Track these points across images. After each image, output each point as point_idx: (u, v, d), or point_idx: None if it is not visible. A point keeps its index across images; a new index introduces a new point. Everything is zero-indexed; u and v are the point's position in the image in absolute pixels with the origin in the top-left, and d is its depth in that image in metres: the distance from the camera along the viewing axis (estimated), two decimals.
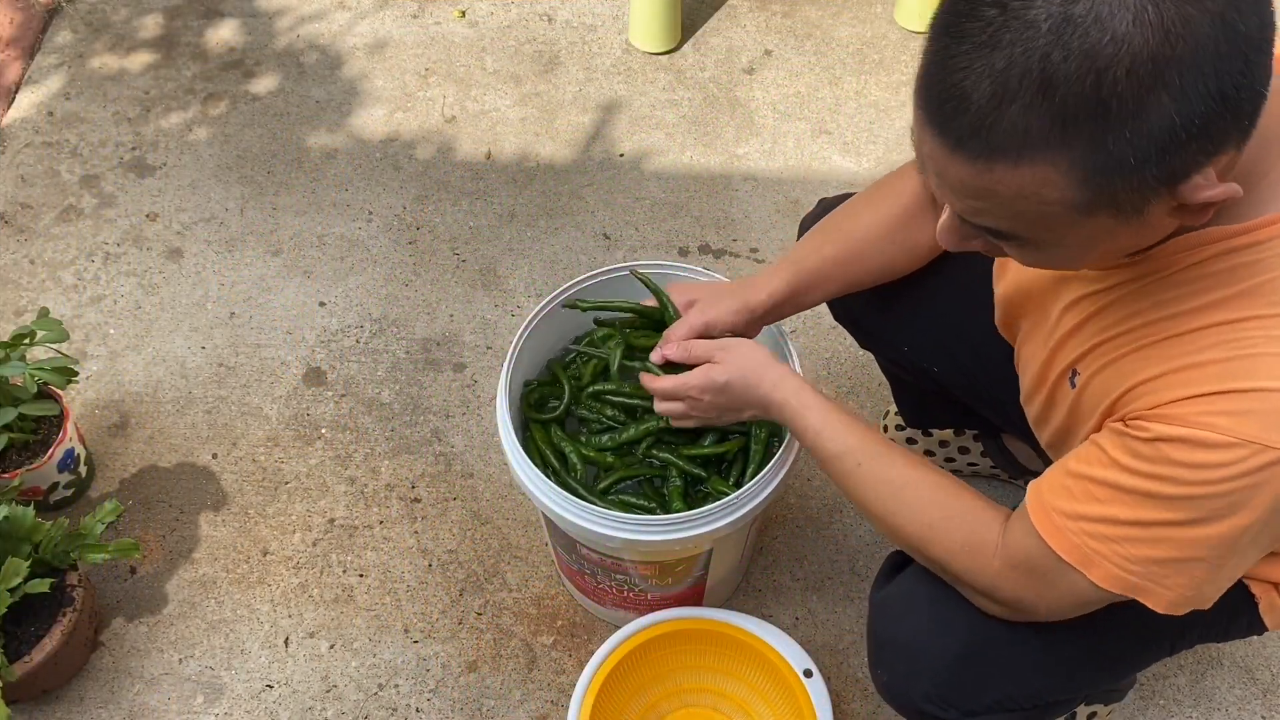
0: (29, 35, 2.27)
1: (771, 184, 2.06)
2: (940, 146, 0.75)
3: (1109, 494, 0.85)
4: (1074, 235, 0.78)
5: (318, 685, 1.50)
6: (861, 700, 1.49)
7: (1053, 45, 0.67)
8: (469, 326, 1.86)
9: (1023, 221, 0.77)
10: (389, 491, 1.68)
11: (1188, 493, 0.81)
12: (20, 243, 1.96)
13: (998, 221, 0.78)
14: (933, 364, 1.34)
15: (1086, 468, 0.87)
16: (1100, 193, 0.72)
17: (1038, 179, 0.72)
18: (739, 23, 2.35)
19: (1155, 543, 0.84)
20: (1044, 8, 0.68)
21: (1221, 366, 0.79)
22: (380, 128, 2.15)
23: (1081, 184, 0.72)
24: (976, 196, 0.76)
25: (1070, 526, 0.88)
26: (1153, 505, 0.83)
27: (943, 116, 0.73)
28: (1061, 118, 0.69)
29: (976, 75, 0.70)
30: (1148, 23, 0.66)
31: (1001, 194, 0.75)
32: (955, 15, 0.72)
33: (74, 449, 1.60)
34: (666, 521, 1.20)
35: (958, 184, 0.76)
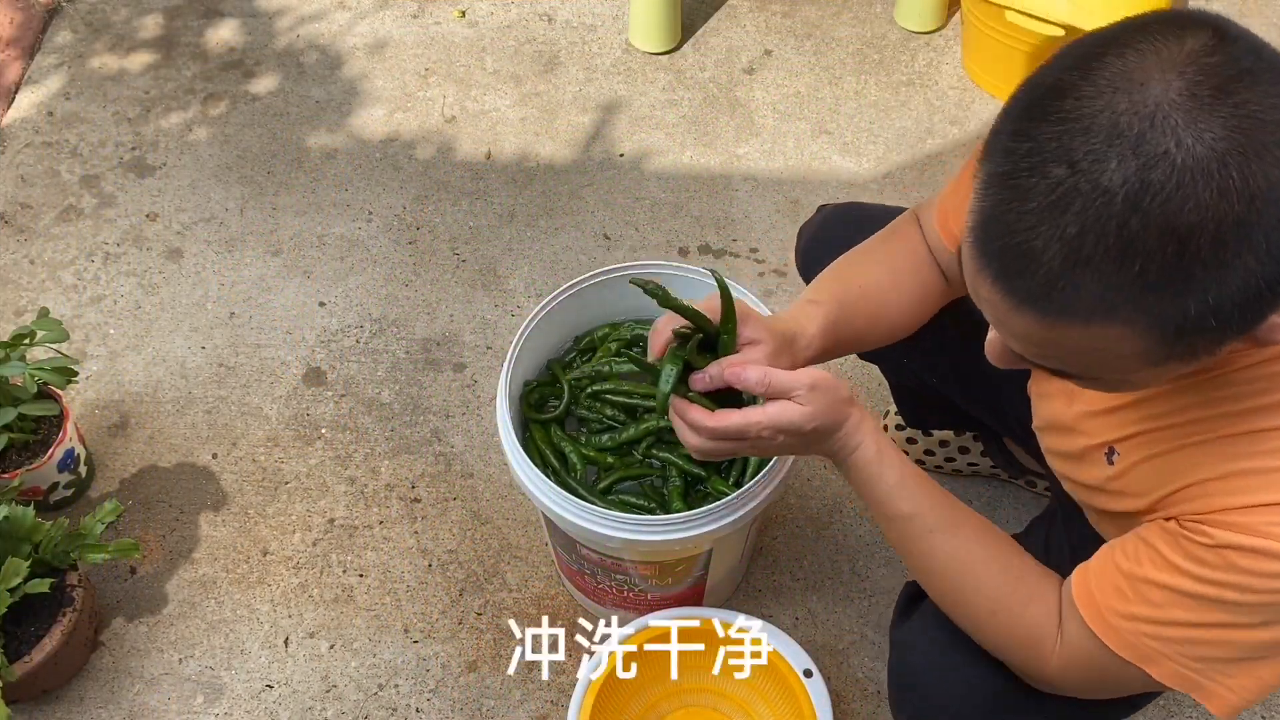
0: (29, 35, 2.27)
1: (771, 184, 2.06)
2: (1003, 299, 0.71)
3: (1167, 597, 0.82)
4: (1142, 376, 0.76)
5: (318, 685, 1.50)
6: (861, 700, 1.49)
7: (1130, 213, 0.63)
8: (469, 326, 1.86)
9: (1089, 368, 0.75)
10: (389, 491, 1.68)
11: (1257, 600, 0.78)
12: (20, 243, 1.96)
13: (1061, 364, 0.76)
14: (933, 376, 1.34)
15: (1139, 568, 0.84)
16: (1176, 347, 0.70)
17: (1111, 337, 0.69)
18: (739, 23, 2.35)
19: (1219, 644, 0.82)
20: (1119, 172, 0.63)
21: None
22: (380, 128, 2.15)
23: (1159, 343, 0.69)
24: (1040, 345, 0.73)
25: (1126, 627, 0.86)
26: (1218, 609, 0.80)
27: (1007, 272, 0.69)
28: (1141, 285, 0.65)
29: (1045, 239, 0.66)
30: (1232, 189, 0.63)
31: (1068, 346, 0.72)
32: (1017, 168, 0.67)
33: (74, 449, 1.60)
34: (666, 521, 1.20)
35: (1021, 333, 0.73)
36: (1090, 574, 0.90)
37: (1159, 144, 0.63)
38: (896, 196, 2.03)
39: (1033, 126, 0.67)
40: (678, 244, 1.97)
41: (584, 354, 1.45)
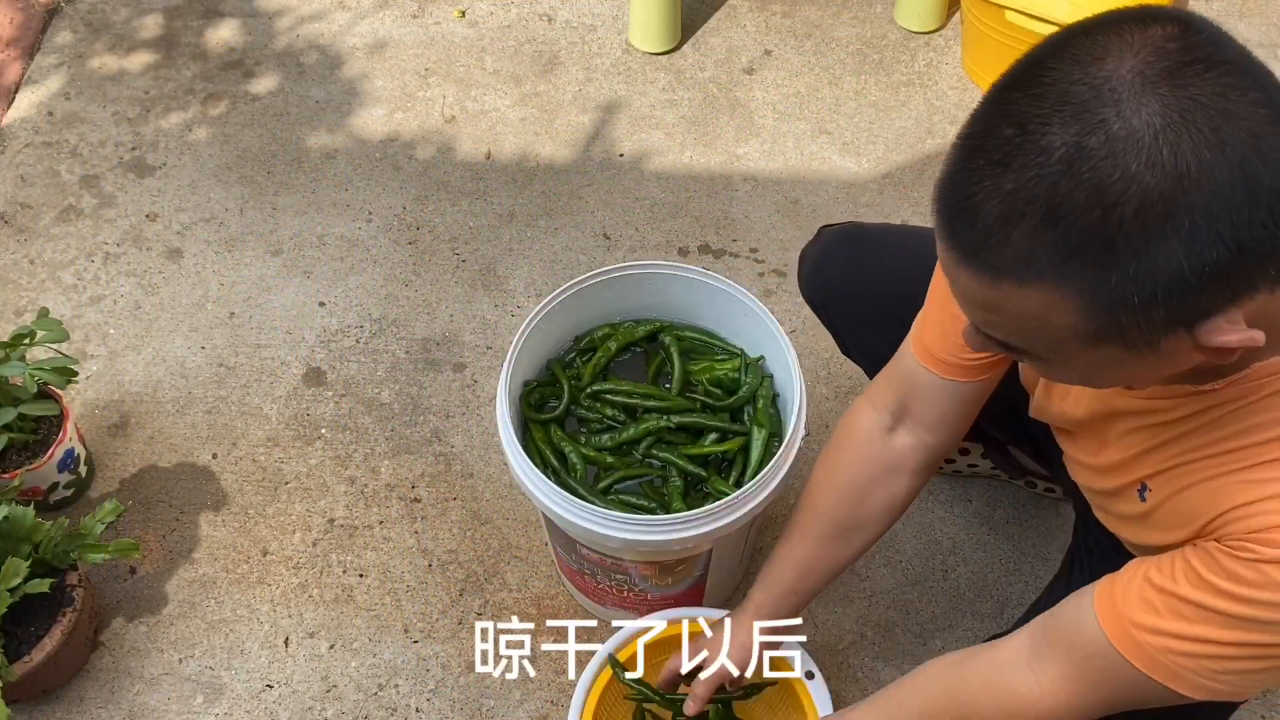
0: (29, 35, 2.27)
1: (771, 184, 2.06)
2: (951, 255, 0.74)
3: (1200, 614, 0.83)
4: (1083, 359, 0.76)
5: (318, 685, 1.50)
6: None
7: (1062, 174, 0.66)
8: (469, 326, 1.86)
9: (1032, 340, 0.76)
10: (389, 491, 1.68)
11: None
12: (20, 243, 1.96)
13: (1008, 336, 0.77)
14: None
15: (1173, 584, 0.84)
16: (1106, 325, 0.71)
17: (1043, 303, 0.71)
18: (739, 23, 2.35)
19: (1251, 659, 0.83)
20: (1059, 135, 0.67)
21: None
22: (380, 128, 2.15)
23: (1087, 314, 0.71)
24: (985, 309, 0.76)
25: (1153, 642, 0.85)
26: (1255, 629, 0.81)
27: (953, 227, 0.73)
28: (1066, 248, 0.68)
29: (986, 193, 0.69)
30: (1161, 164, 0.65)
31: (1009, 311, 0.74)
32: (978, 129, 0.71)
33: (74, 449, 1.60)
34: (666, 521, 1.20)
35: (968, 293, 0.76)
36: (1116, 586, 0.90)
37: (1099, 113, 0.66)
38: (896, 196, 2.03)
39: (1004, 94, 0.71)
40: (678, 244, 1.97)
41: (584, 354, 1.45)
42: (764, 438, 1.35)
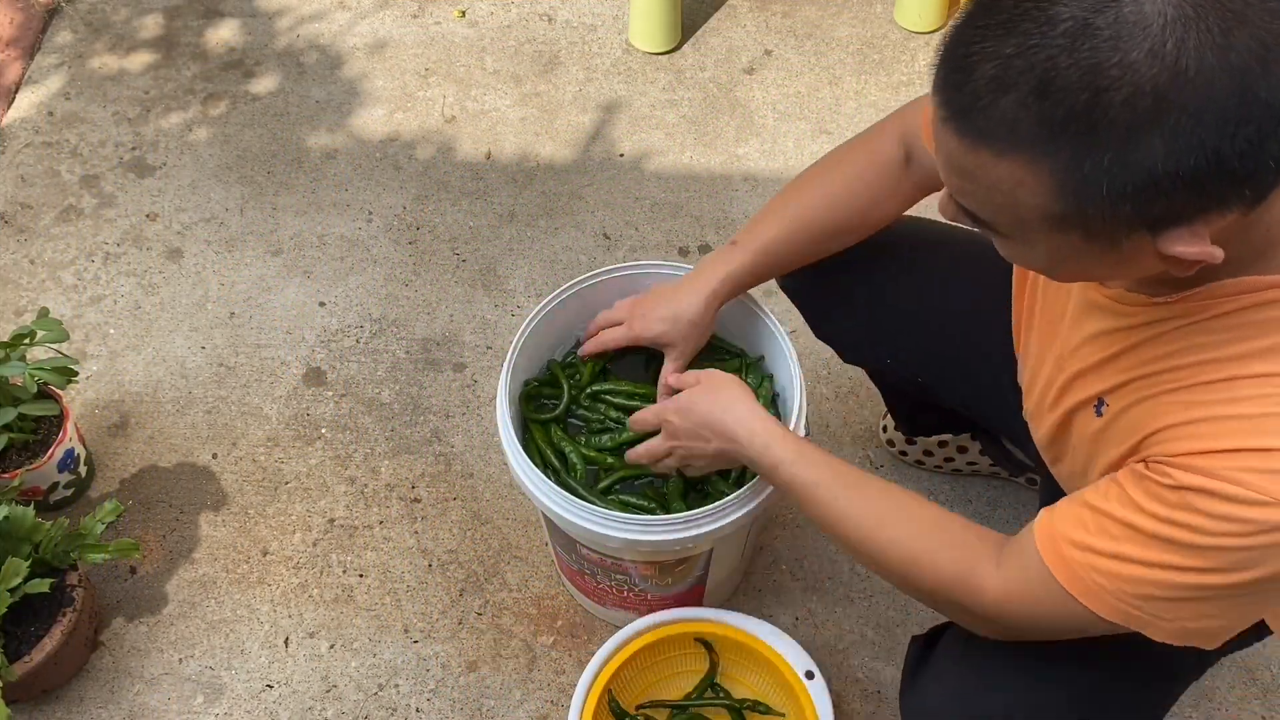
0: (29, 35, 2.27)
1: (771, 184, 2.06)
2: (939, 113, 0.74)
3: (1124, 533, 0.83)
4: (1046, 243, 0.76)
5: (318, 685, 1.50)
6: (862, 700, 1.49)
7: (1063, 49, 0.66)
8: (469, 326, 1.86)
9: (999, 214, 0.76)
10: (389, 491, 1.68)
11: (1208, 543, 0.79)
12: (20, 243, 1.96)
13: (978, 207, 0.77)
14: (917, 374, 1.34)
15: (1104, 503, 0.85)
16: (1072, 211, 0.71)
17: (1016, 177, 0.71)
18: (739, 23, 2.35)
19: (1165, 585, 0.83)
20: (1069, 8, 0.66)
21: (1255, 422, 0.77)
22: (380, 128, 2.15)
23: (1055, 196, 0.71)
24: (961, 175, 0.76)
25: (1078, 558, 0.86)
26: (1169, 550, 0.81)
27: (947, 85, 0.73)
28: (1050, 123, 0.67)
29: (984, 54, 0.69)
30: (1162, 57, 0.64)
31: (982, 180, 0.74)
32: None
33: (74, 449, 1.60)
34: (666, 521, 1.20)
35: (948, 155, 0.76)
36: (1056, 510, 0.91)
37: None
38: None
39: None
40: (678, 244, 1.97)
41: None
42: None
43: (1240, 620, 0.86)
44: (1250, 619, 0.87)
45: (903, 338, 1.30)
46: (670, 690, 1.44)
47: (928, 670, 1.11)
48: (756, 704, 1.40)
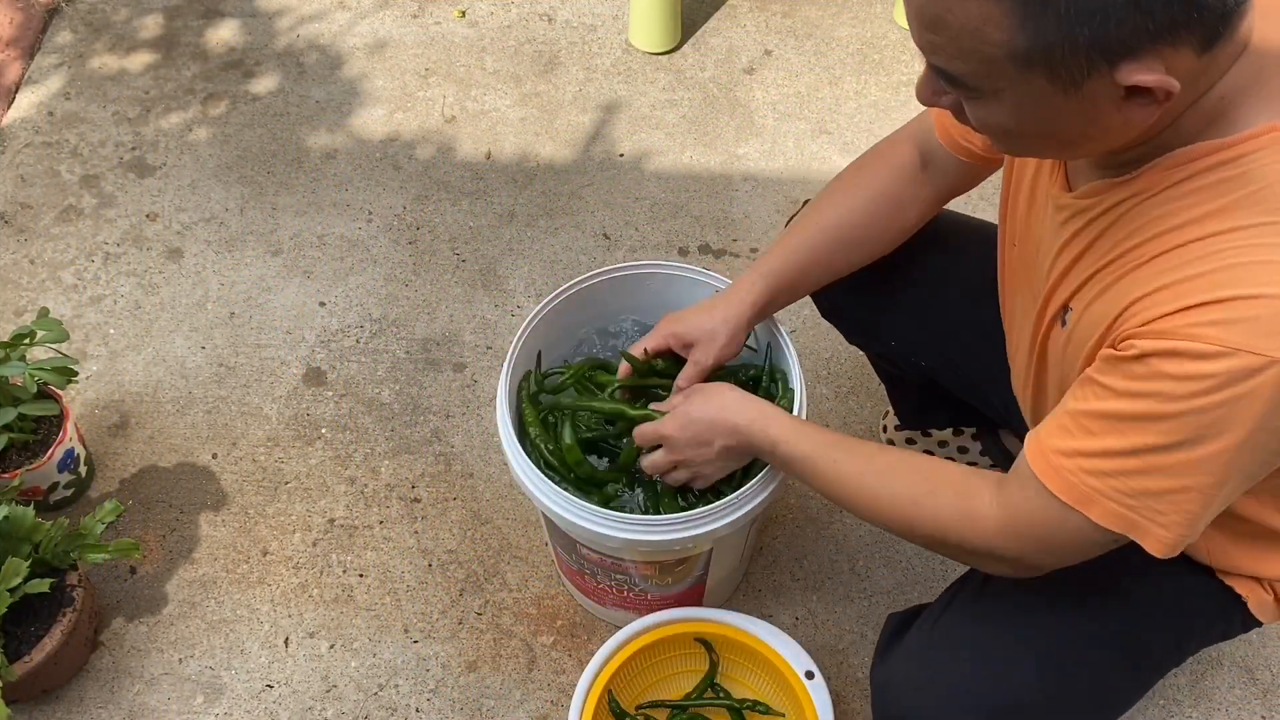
0: (29, 35, 2.27)
1: (771, 184, 2.06)
2: None
3: (1104, 425, 0.84)
4: (1013, 92, 0.78)
5: (318, 685, 1.50)
6: (862, 700, 1.49)
7: None
8: (469, 326, 1.86)
9: (968, 62, 0.78)
10: (389, 491, 1.68)
11: (1179, 408, 0.80)
12: (20, 243, 1.96)
13: (948, 62, 0.79)
14: (921, 358, 1.34)
15: (1082, 403, 0.86)
16: (1036, 44, 0.73)
17: (982, 13, 0.74)
18: (739, 23, 2.35)
19: (1149, 472, 0.83)
20: None
21: (1208, 278, 0.78)
22: (380, 128, 2.15)
23: (1019, 29, 0.73)
24: (931, 27, 0.78)
25: (1067, 465, 0.87)
26: (1146, 429, 0.82)
27: None
28: None
29: None
30: None
31: (951, 25, 0.76)
32: None
33: (74, 449, 1.60)
34: (666, 521, 1.20)
35: (918, 8, 0.78)
36: (1042, 427, 0.91)
37: None
38: None
39: None
40: (678, 244, 1.97)
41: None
42: None
43: (1224, 498, 0.86)
44: (1233, 495, 0.87)
45: (907, 320, 1.31)
46: (670, 690, 1.44)
47: (900, 646, 1.13)
48: (756, 704, 1.40)
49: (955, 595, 1.14)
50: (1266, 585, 1.07)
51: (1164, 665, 1.13)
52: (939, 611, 1.12)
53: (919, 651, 1.10)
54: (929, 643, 1.10)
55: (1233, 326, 0.76)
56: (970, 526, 0.97)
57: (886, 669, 1.12)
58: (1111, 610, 1.06)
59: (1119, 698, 1.10)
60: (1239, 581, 1.07)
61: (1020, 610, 1.07)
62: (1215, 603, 1.08)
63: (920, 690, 1.07)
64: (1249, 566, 1.05)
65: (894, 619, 1.21)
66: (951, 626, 1.10)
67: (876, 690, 1.13)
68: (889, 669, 1.12)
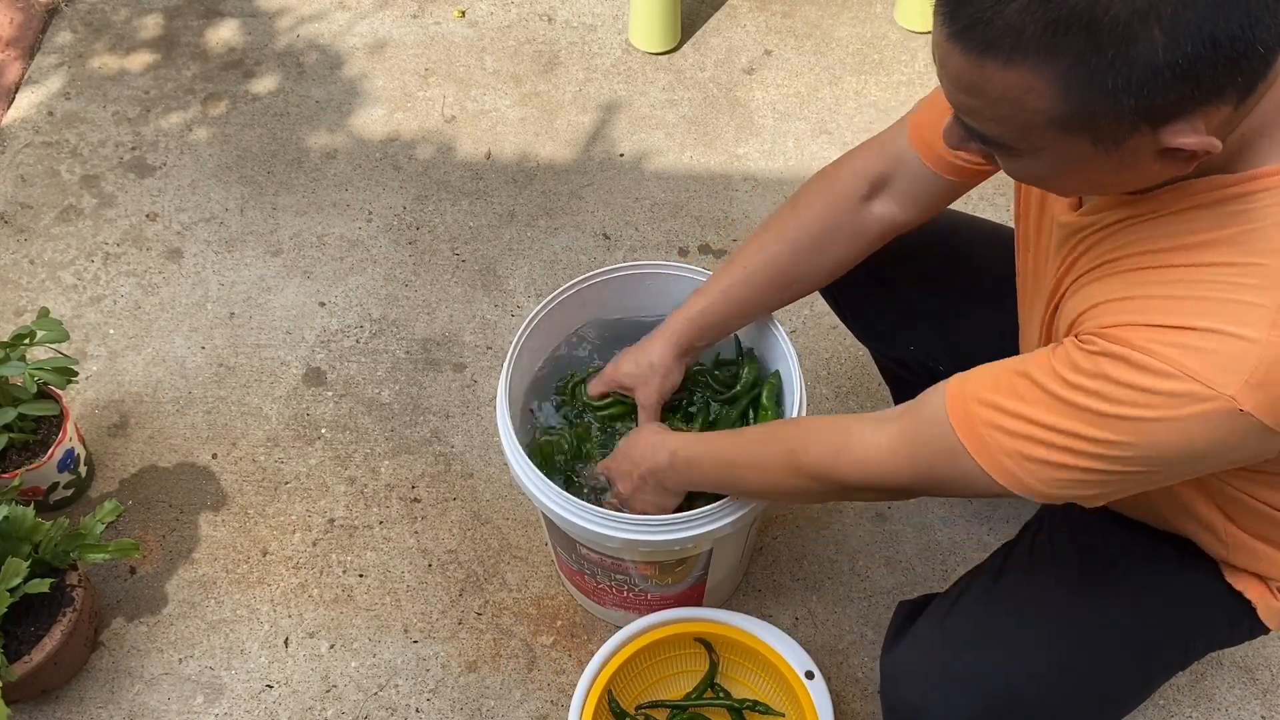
0: (29, 35, 2.27)
1: (771, 184, 2.06)
2: (943, 30, 0.76)
3: (1035, 395, 0.85)
4: (1052, 151, 0.78)
5: (318, 685, 1.50)
6: (862, 701, 1.49)
7: None
8: (469, 326, 1.86)
9: (1006, 126, 0.78)
10: (389, 491, 1.68)
11: (1110, 410, 0.80)
12: (20, 243, 1.96)
13: (985, 125, 0.79)
14: (939, 363, 1.34)
15: (1020, 364, 0.87)
16: (1079, 112, 0.73)
17: (1024, 84, 0.73)
18: (739, 23, 2.35)
19: (1060, 450, 0.84)
20: None
21: (1183, 303, 0.79)
22: (380, 128, 2.15)
23: (1063, 99, 0.73)
24: (969, 92, 0.77)
25: (982, 414, 0.88)
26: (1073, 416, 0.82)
27: (950, 3, 0.75)
28: (1054, 26, 0.70)
29: None
30: None
31: (990, 93, 0.75)
32: None
33: (74, 449, 1.60)
34: (666, 521, 1.20)
35: (954, 74, 0.77)
36: (972, 372, 0.92)
37: None
38: None
39: None
40: (678, 244, 1.97)
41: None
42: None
43: (1110, 494, 0.87)
44: (1121, 494, 0.88)
45: (930, 327, 1.31)
46: (670, 690, 1.44)
47: (909, 635, 1.14)
48: (756, 704, 1.40)
49: (967, 587, 1.14)
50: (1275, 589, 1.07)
51: (1171, 668, 1.13)
52: (950, 602, 1.12)
53: (930, 641, 1.10)
54: (940, 633, 1.10)
55: (1192, 353, 0.77)
56: (849, 461, 1.00)
57: (896, 657, 1.13)
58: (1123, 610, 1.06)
59: (1124, 698, 1.10)
60: (1249, 586, 1.07)
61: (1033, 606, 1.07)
62: (1225, 607, 1.08)
63: (930, 680, 1.07)
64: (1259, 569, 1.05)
65: (904, 607, 1.22)
66: (963, 618, 1.10)
67: (886, 678, 1.13)
68: (898, 657, 1.12)
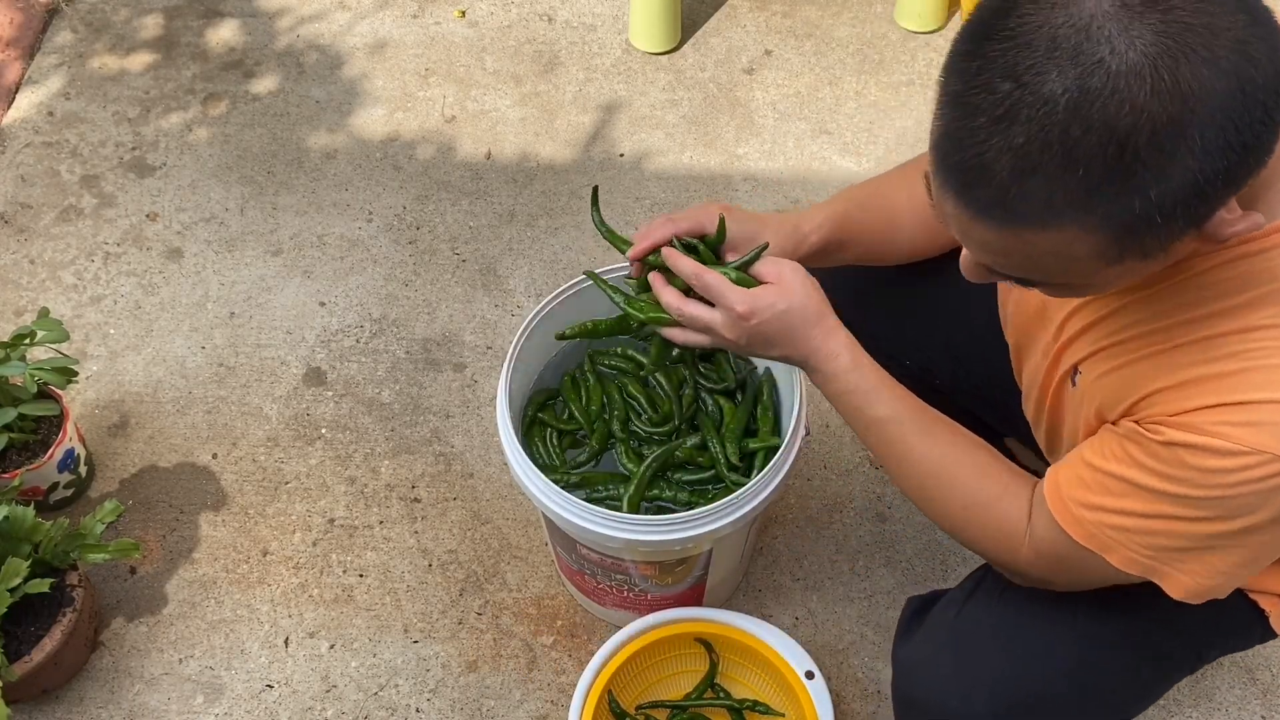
0: (29, 35, 2.27)
1: (771, 184, 2.06)
2: (962, 212, 0.75)
3: (1125, 489, 0.87)
4: (1100, 277, 0.79)
5: (318, 685, 1.50)
6: (862, 701, 1.49)
7: (1071, 119, 0.68)
8: (469, 326, 1.86)
9: (1050, 272, 0.79)
10: (389, 491, 1.68)
11: (1201, 494, 0.83)
12: (20, 243, 1.96)
13: (1025, 272, 0.79)
14: (936, 376, 1.34)
15: (1102, 461, 0.89)
16: (1127, 245, 0.74)
17: (1065, 239, 0.73)
18: (739, 23, 2.35)
19: (1170, 535, 0.87)
20: (1059, 81, 0.68)
21: (1235, 378, 0.80)
22: (380, 128, 2.15)
23: (1110, 241, 0.73)
24: (1003, 254, 0.77)
25: (1088, 516, 0.90)
26: (1167, 502, 0.85)
27: (964, 187, 0.73)
28: (1087, 187, 0.70)
29: (996, 150, 0.70)
30: (1165, 91, 0.67)
31: (1027, 252, 0.75)
32: (967, 86, 0.71)
33: (74, 449, 1.60)
34: (666, 521, 1.20)
35: (982, 243, 0.77)
36: (1060, 471, 0.94)
37: (1094, 53, 0.67)
38: None
39: (982, 45, 0.71)
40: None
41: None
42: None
43: (1251, 564, 0.88)
44: (1263, 562, 0.89)
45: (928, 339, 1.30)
46: (670, 690, 1.44)
47: (922, 627, 1.14)
48: (756, 704, 1.40)
49: (980, 583, 1.14)
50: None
51: (1180, 672, 1.14)
52: (963, 597, 1.13)
53: (943, 635, 1.11)
54: (954, 628, 1.11)
55: (1260, 429, 0.79)
56: (1006, 548, 1.00)
57: (910, 650, 1.13)
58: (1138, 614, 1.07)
59: (1133, 701, 1.11)
60: (1264, 597, 1.07)
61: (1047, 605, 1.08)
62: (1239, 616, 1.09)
63: (943, 674, 1.08)
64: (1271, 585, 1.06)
65: (914, 601, 1.22)
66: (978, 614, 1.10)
67: (899, 670, 1.13)
68: (912, 650, 1.13)
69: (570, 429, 1.40)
